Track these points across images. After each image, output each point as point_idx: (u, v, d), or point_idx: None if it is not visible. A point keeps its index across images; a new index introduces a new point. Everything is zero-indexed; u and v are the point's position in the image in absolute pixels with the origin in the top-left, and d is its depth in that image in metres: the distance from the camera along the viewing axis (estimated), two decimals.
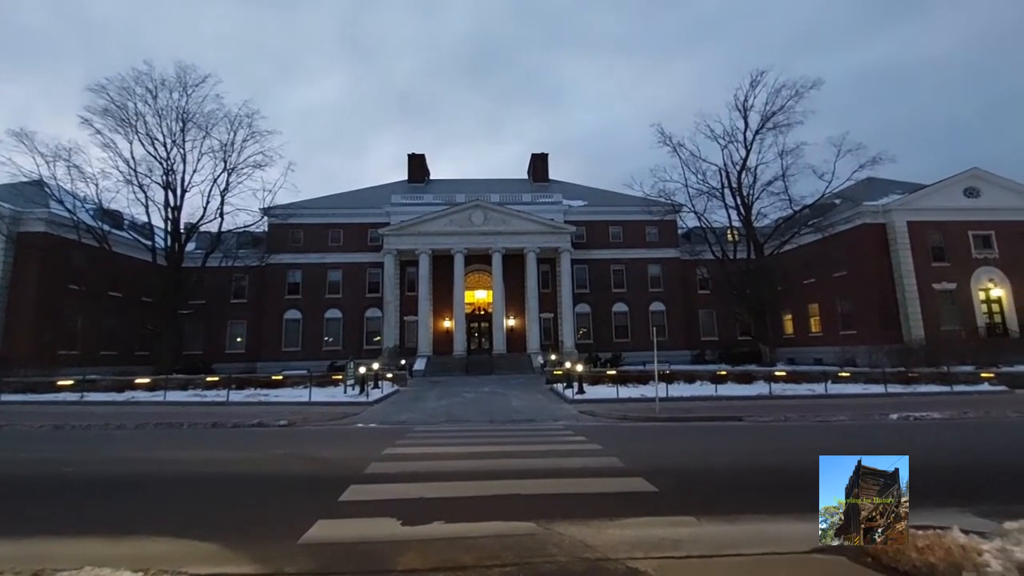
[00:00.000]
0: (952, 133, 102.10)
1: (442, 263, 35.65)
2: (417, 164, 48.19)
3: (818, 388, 20.04)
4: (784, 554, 4.02)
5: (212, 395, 20.23)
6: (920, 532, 3.96)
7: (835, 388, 20.08)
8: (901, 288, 29.95)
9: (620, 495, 5.88)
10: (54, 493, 6.37)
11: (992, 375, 20.99)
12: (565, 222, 37.74)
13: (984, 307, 29.92)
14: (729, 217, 31.22)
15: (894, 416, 13.27)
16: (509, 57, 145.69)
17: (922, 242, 30.31)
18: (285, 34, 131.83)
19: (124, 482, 6.95)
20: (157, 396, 19.89)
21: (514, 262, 36.11)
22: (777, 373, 22.11)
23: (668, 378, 20.61)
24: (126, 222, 31.88)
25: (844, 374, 22.29)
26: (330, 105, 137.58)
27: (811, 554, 4.03)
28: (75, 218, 27.13)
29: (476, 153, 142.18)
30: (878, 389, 19.83)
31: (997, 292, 29.83)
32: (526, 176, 51.14)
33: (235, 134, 30.09)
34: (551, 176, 49.24)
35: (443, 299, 35.88)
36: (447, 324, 36.29)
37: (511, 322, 36.86)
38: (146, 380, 22.00)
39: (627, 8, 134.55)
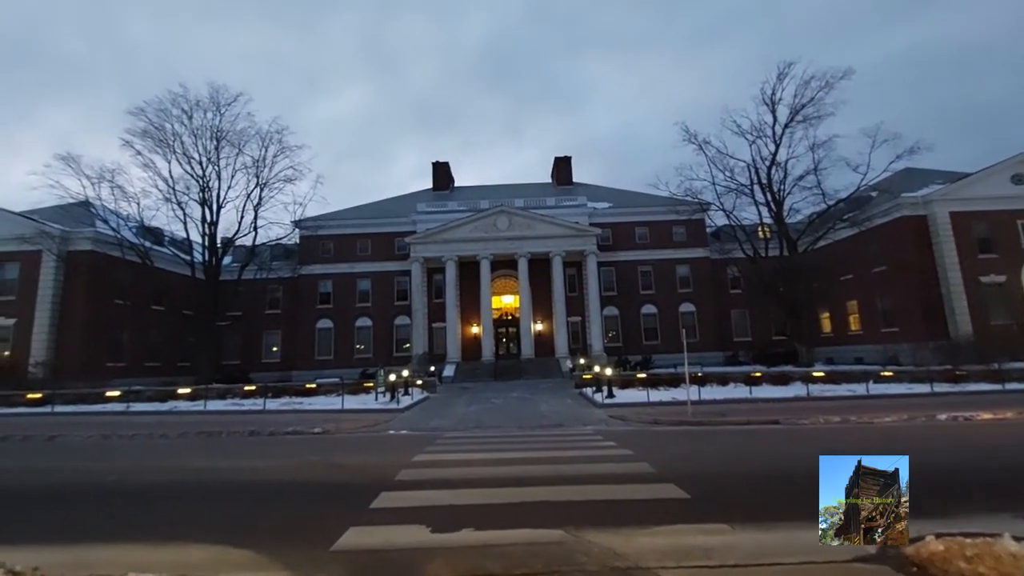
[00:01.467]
0: (994, 118, 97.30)
1: (468, 269, 35.86)
2: (441, 172, 48.71)
3: (859, 389, 19.31)
4: (823, 563, 3.88)
5: (249, 404, 20.80)
6: (969, 540, 3.78)
7: (877, 388, 19.31)
8: (945, 282, 28.65)
9: (651, 502, 5.78)
10: (101, 501, 6.66)
11: None
12: (590, 224, 37.47)
13: None
14: (760, 214, 30.54)
15: (942, 417, 12.67)
16: (529, 60, 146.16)
17: (967, 233, 28.95)
18: (308, 49, 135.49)
19: (165, 490, 7.21)
20: (198, 405, 20.59)
21: (540, 266, 36.04)
22: (815, 374, 21.41)
23: (700, 380, 20.21)
24: (166, 238, 33.23)
25: (887, 373, 21.41)
26: (354, 116, 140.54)
27: (852, 563, 3.89)
28: (119, 236, 28.46)
29: (499, 158, 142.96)
30: (924, 388, 18.97)
31: None
32: (550, 180, 51.09)
33: (266, 150, 31.12)
34: (575, 179, 49.02)
35: (470, 305, 36.07)
36: (475, 330, 36.46)
37: (539, 326, 36.78)
38: (187, 390, 22.81)
39: (647, 4, 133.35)
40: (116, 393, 21.76)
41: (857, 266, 32.24)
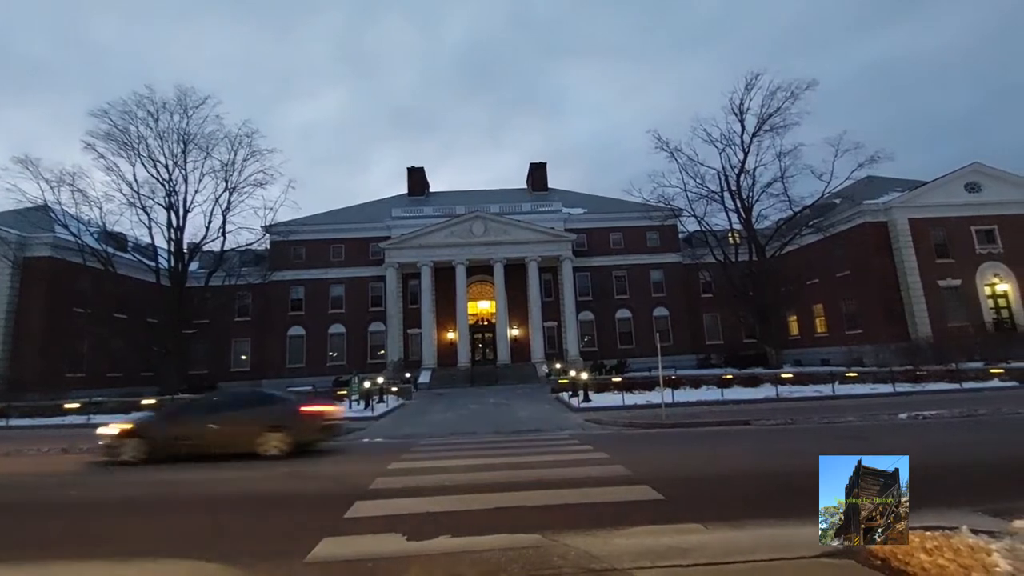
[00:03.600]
0: (952, 128, 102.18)
1: (444, 275, 35.73)
2: (417, 177, 48.49)
3: (825, 389, 19.89)
4: (793, 559, 3.99)
5: None
6: (928, 533, 3.94)
7: (843, 389, 19.93)
8: (905, 286, 29.83)
9: (626, 504, 5.84)
10: (65, 516, 6.37)
11: (1002, 371, 20.78)
12: (566, 230, 37.83)
13: (991, 302, 29.74)
14: (729, 220, 31.23)
15: (903, 415, 13.14)
16: (507, 67, 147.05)
17: (925, 239, 30.24)
18: (284, 53, 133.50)
19: (132, 504, 6.95)
20: None
21: (516, 272, 36.14)
22: (783, 375, 21.97)
23: (674, 383, 20.49)
24: (130, 244, 32.10)
25: (851, 374, 22.11)
26: (329, 121, 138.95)
27: (820, 558, 3.99)
28: (80, 242, 27.36)
29: (476, 163, 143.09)
30: (886, 388, 19.66)
31: (1003, 287, 29.69)
32: (525, 186, 51.37)
33: (235, 154, 30.36)
34: (550, 185, 49.40)
35: (446, 311, 35.91)
36: (451, 336, 36.28)
37: (515, 332, 36.83)
38: (152, 401, 21.98)
39: (624, 15, 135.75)
40: (76, 405, 20.89)
41: (822, 271, 33.33)
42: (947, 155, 64.99)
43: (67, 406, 20.89)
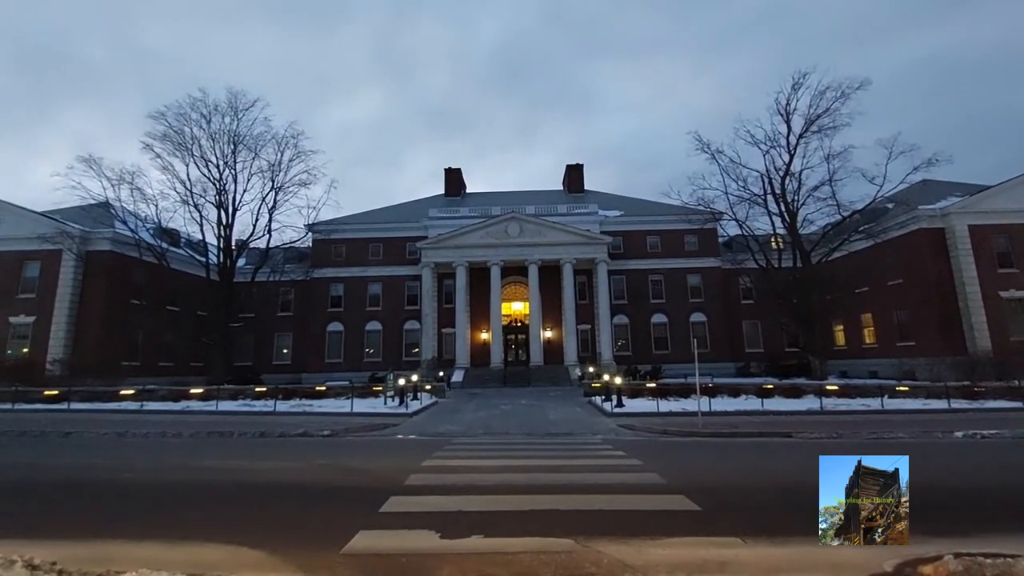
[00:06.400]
0: (1016, 129, 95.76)
1: (479, 275, 35.98)
2: (453, 178, 49.01)
3: (873, 403, 19.01)
4: None
5: (260, 405, 20.96)
6: (988, 560, 3.72)
7: (892, 403, 19.00)
8: (963, 296, 28.18)
9: (661, 513, 5.73)
10: (116, 498, 6.74)
11: None
12: (601, 232, 37.47)
13: None
14: (773, 224, 30.26)
15: (959, 434, 12.41)
16: (542, 66, 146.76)
17: (986, 247, 28.49)
18: (322, 55, 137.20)
19: (179, 489, 7.29)
20: (210, 406, 20.78)
21: (551, 273, 36.07)
22: (828, 387, 21.13)
23: (711, 391, 20.01)
24: (182, 240, 33.71)
25: (902, 388, 21.06)
26: (366, 121, 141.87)
27: None
28: (137, 237, 28.94)
29: (511, 163, 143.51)
30: (940, 404, 18.63)
31: None
32: (561, 187, 51.16)
33: (282, 154, 31.49)
34: (586, 186, 49.06)
35: (480, 311, 36.14)
36: (484, 336, 36.49)
37: (548, 334, 36.72)
38: (200, 390, 23.04)
39: (661, 11, 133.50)
40: (131, 392, 22.06)
41: (872, 278, 31.81)
42: (1012, 157, 61.02)
43: (123, 392, 22.07)
